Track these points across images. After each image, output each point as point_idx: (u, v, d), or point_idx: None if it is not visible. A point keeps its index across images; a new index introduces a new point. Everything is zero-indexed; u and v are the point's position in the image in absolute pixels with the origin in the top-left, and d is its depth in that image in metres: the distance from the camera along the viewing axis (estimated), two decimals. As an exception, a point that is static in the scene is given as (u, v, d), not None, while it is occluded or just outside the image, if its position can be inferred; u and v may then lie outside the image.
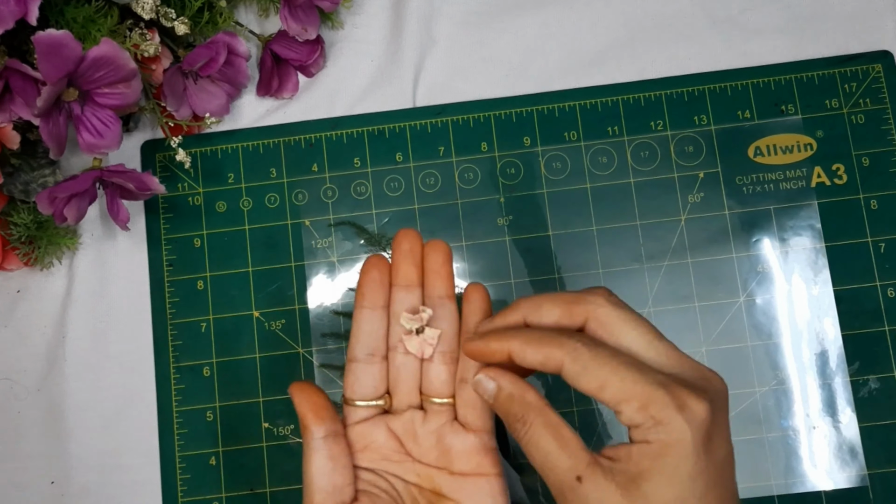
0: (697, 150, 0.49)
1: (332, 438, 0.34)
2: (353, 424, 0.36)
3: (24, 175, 0.46)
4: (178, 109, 0.47)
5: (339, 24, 0.51)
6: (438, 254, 0.36)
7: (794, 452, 0.46)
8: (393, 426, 0.36)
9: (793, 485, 0.45)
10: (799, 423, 0.46)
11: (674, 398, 0.28)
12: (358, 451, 0.35)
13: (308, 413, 0.34)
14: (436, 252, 0.36)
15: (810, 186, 0.48)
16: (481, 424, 0.35)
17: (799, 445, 0.46)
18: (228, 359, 0.48)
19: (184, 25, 0.45)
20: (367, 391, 0.36)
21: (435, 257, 0.36)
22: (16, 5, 0.38)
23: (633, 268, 0.48)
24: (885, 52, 0.49)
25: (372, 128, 0.50)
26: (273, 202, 0.49)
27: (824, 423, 0.46)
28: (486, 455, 0.35)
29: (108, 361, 0.48)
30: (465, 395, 0.35)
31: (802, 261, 0.47)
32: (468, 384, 0.35)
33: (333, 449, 0.34)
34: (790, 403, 0.46)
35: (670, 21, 0.50)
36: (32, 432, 0.48)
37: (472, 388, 0.34)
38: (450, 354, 0.36)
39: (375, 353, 0.36)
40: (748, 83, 0.49)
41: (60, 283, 0.49)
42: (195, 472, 0.47)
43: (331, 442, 0.34)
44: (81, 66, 0.39)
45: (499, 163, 0.49)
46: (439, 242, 0.36)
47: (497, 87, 0.50)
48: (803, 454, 0.46)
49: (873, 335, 0.47)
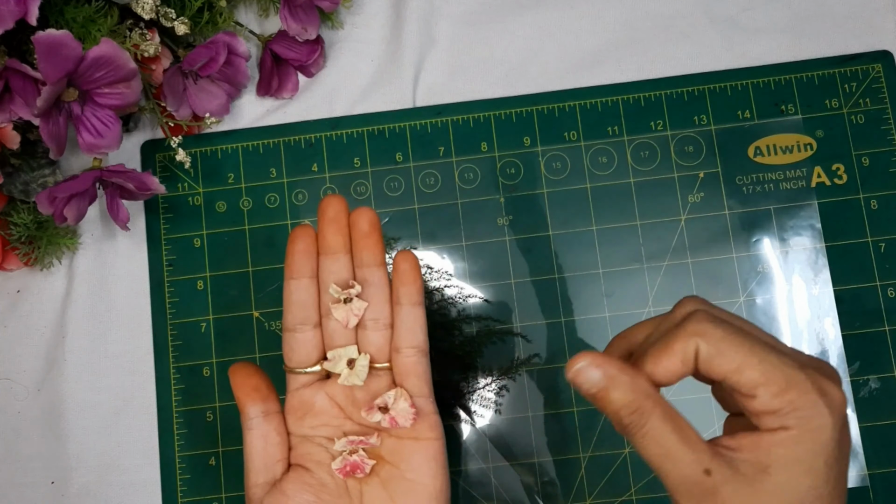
0: (697, 150, 0.49)
1: (265, 417, 0.36)
2: (294, 391, 0.37)
3: (23, 175, 0.46)
4: (178, 109, 0.47)
5: (339, 24, 0.51)
6: (364, 221, 0.36)
7: (794, 452, 0.46)
8: (332, 392, 0.37)
9: (793, 485, 0.45)
10: (799, 423, 0.46)
11: (814, 383, 0.27)
12: (299, 417, 0.37)
13: (242, 394, 0.36)
14: (361, 219, 0.36)
15: (810, 186, 0.48)
16: (418, 390, 0.36)
17: (799, 445, 0.46)
18: (228, 359, 0.48)
19: (184, 25, 0.45)
20: (304, 358, 0.37)
21: (361, 225, 0.36)
22: (16, 5, 0.38)
23: (633, 268, 0.48)
24: (885, 52, 0.49)
25: (372, 128, 0.50)
26: (273, 202, 0.49)
27: (824, 423, 0.46)
28: (424, 419, 0.36)
29: (107, 361, 0.48)
30: (400, 362, 0.36)
31: (802, 261, 0.47)
32: (403, 353, 0.36)
33: (266, 428, 0.36)
34: (790, 403, 0.46)
35: (670, 21, 0.50)
36: (32, 432, 0.48)
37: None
38: (382, 321, 0.37)
39: (307, 321, 0.36)
40: (748, 83, 0.49)
41: (60, 284, 0.49)
42: (195, 472, 0.47)
43: (264, 421, 0.36)
44: (81, 66, 0.39)
45: (499, 163, 0.49)
46: (366, 209, 0.36)
47: (497, 87, 0.50)
48: (803, 454, 0.46)
49: (873, 335, 0.47)
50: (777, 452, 0.27)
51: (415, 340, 0.36)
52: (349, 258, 0.36)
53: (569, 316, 0.47)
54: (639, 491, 0.46)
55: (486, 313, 0.48)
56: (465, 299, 0.48)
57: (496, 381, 0.47)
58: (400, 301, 0.36)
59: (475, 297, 0.48)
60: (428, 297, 0.48)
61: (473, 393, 0.47)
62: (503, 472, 0.46)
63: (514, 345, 0.47)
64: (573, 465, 0.46)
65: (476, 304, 0.48)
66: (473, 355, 0.47)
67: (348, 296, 0.36)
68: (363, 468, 0.36)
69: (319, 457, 0.36)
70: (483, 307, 0.48)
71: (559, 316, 0.47)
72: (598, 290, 0.48)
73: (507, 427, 0.47)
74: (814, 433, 0.27)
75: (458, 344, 0.47)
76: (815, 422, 0.27)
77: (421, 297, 0.36)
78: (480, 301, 0.48)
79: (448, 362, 0.47)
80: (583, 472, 0.46)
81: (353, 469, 0.36)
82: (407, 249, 0.37)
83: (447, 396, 0.47)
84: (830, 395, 0.27)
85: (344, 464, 0.36)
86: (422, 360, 0.37)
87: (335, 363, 0.36)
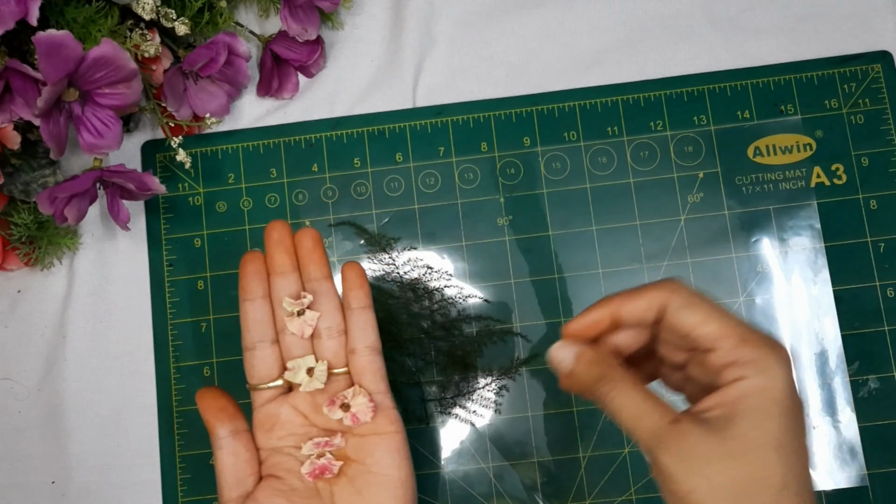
0: (697, 150, 0.49)
1: (234, 436, 0.38)
2: (260, 406, 0.39)
3: (24, 175, 0.46)
4: (179, 110, 0.47)
5: (339, 25, 0.51)
6: (307, 239, 0.39)
7: (793, 452, 0.46)
8: (295, 402, 0.39)
9: (792, 484, 0.45)
10: (798, 423, 0.46)
11: (765, 341, 0.30)
12: (266, 430, 0.38)
13: (210, 416, 0.38)
14: (305, 238, 0.39)
15: (810, 186, 0.48)
16: (375, 387, 0.38)
17: (798, 445, 0.46)
18: (228, 359, 0.48)
19: (184, 26, 0.45)
20: (265, 374, 0.39)
21: (304, 243, 0.39)
22: (16, 6, 0.38)
23: (632, 268, 0.48)
24: (884, 53, 0.49)
25: (372, 128, 0.50)
26: (273, 202, 0.49)
27: (824, 423, 0.46)
28: (383, 413, 0.38)
29: (108, 361, 0.48)
30: (356, 361, 0.38)
31: (802, 261, 0.47)
32: (358, 354, 0.38)
33: (235, 446, 0.38)
34: (790, 403, 0.46)
35: (670, 21, 0.50)
36: (33, 432, 0.48)
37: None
38: (336, 328, 0.39)
39: (265, 338, 0.39)
40: (748, 83, 0.49)
41: (61, 284, 0.49)
42: (195, 472, 0.47)
43: (233, 439, 0.38)
44: (82, 66, 0.39)
45: (499, 163, 0.49)
46: (308, 229, 0.39)
47: (497, 87, 0.50)
48: (803, 454, 0.46)
49: (873, 335, 0.47)
50: (739, 402, 0.29)
51: (367, 340, 0.39)
52: (297, 275, 0.39)
53: (569, 316, 0.47)
54: (639, 490, 0.46)
55: (486, 313, 0.48)
56: (465, 299, 0.48)
57: (496, 380, 0.47)
58: (350, 305, 0.39)
59: (475, 297, 0.48)
60: (428, 297, 0.48)
61: (473, 393, 0.47)
62: (503, 471, 0.46)
63: (514, 345, 0.47)
64: (573, 465, 0.46)
65: (476, 304, 0.48)
66: (473, 355, 0.47)
67: (301, 306, 0.38)
68: (331, 469, 0.37)
69: (289, 465, 0.38)
70: (483, 307, 0.48)
71: (559, 316, 0.47)
72: (598, 290, 0.48)
73: (507, 427, 0.47)
74: (768, 382, 0.29)
75: (458, 344, 0.47)
76: (769, 372, 0.29)
77: (369, 301, 0.39)
78: (480, 301, 0.48)
79: (448, 362, 0.47)
80: (583, 472, 0.46)
81: (322, 471, 0.37)
82: (353, 261, 0.40)
83: (447, 396, 0.47)
84: (779, 351, 0.30)
85: (312, 467, 0.37)
86: (376, 358, 0.39)
87: (295, 373, 0.38)
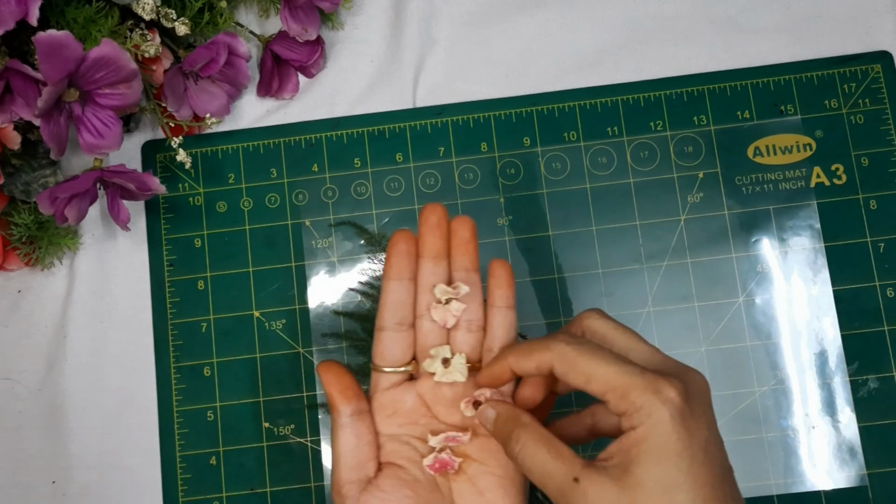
0: (697, 150, 0.49)
1: (357, 416, 0.36)
2: (383, 391, 0.38)
3: (24, 175, 0.46)
4: (179, 110, 0.47)
5: (339, 25, 0.51)
6: (465, 229, 0.38)
7: (793, 452, 0.46)
8: (420, 391, 0.38)
9: (792, 484, 0.45)
10: (798, 423, 0.46)
11: (649, 384, 0.30)
12: (387, 416, 0.37)
13: (336, 393, 0.36)
14: (462, 227, 0.38)
15: (809, 186, 0.48)
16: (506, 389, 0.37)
17: (798, 445, 0.46)
18: (228, 359, 0.48)
19: (184, 26, 0.45)
20: (396, 358, 0.37)
21: (462, 232, 0.38)
22: (16, 6, 0.38)
23: (632, 268, 0.48)
24: (884, 53, 0.49)
25: (372, 128, 0.50)
26: (273, 202, 0.50)
27: (823, 423, 0.46)
28: None
29: (108, 361, 0.48)
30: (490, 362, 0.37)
31: (802, 261, 0.47)
32: (495, 353, 0.37)
33: (359, 426, 0.36)
34: (789, 403, 0.46)
35: (670, 21, 0.50)
36: (33, 432, 0.48)
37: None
38: (476, 323, 0.38)
39: (403, 321, 0.37)
40: (747, 83, 0.49)
41: (61, 284, 0.49)
42: (195, 472, 0.47)
43: (356, 420, 0.36)
44: (82, 66, 0.39)
45: (499, 163, 0.49)
46: (465, 218, 0.38)
47: (497, 87, 0.50)
48: (802, 454, 0.46)
49: (872, 335, 0.47)
50: (632, 451, 0.30)
51: (506, 340, 0.37)
52: (447, 263, 0.38)
53: (568, 316, 0.47)
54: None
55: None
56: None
57: (496, 380, 0.47)
58: (495, 304, 0.37)
59: (475, 297, 0.48)
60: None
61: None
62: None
63: (514, 345, 0.47)
64: (573, 465, 0.46)
65: (476, 304, 0.48)
66: (473, 355, 0.47)
67: (455, 295, 0.37)
68: (453, 465, 0.36)
69: (408, 454, 0.37)
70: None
71: (559, 316, 0.48)
72: (598, 290, 0.48)
73: (507, 427, 0.47)
74: (655, 427, 0.30)
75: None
76: (653, 417, 0.30)
77: (513, 302, 0.38)
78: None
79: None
80: (582, 472, 0.46)
81: (444, 466, 0.36)
82: (502, 259, 0.39)
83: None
84: (664, 392, 0.30)
85: (435, 461, 0.36)
86: None
87: (433, 361, 0.37)
